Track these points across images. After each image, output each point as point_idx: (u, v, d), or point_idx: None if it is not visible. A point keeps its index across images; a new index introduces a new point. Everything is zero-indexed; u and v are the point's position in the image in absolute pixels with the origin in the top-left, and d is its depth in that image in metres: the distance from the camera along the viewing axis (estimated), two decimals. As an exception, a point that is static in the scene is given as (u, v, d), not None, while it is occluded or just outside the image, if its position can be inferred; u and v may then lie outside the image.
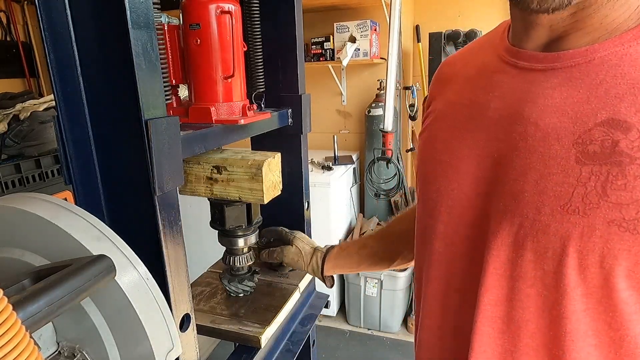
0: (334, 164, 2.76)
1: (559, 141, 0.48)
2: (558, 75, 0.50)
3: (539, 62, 0.52)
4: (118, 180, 0.62)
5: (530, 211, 0.49)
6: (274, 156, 0.82)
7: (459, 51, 0.72)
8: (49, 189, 1.50)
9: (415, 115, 2.94)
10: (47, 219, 0.51)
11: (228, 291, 0.98)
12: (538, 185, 0.49)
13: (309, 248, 0.98)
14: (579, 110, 0.47)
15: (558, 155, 0.48)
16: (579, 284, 0.48)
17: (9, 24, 2.76)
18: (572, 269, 0.47)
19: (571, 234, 0.46)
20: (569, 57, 0.49)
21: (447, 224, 0.60)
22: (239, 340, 0.88)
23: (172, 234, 0.63)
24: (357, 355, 2.56)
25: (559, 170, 0.47)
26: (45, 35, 0.57)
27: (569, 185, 0.46)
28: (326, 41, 2.78)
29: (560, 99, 0.49)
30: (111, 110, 0.59)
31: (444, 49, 2.56)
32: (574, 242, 0.47)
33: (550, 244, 0.48)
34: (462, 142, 0.58)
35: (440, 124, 0.64)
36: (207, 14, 0.73)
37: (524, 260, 0.51)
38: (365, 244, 0.96)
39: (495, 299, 0.54)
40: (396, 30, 2.20)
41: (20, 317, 0.36)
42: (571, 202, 0.46)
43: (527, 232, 0.50)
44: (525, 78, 0.53)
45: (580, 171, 0.46)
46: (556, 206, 0.47)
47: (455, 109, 0.62)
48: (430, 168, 0.63)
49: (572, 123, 0.47)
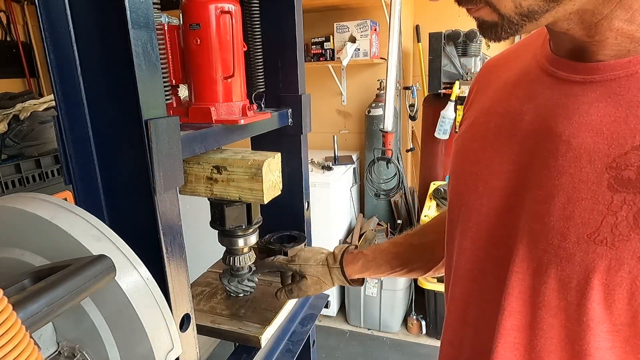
0: (334, 164, 2.76)
1: (592, 163, 0.44)
2: (596, 89, 0.46)
3: (577, 73, 0.48)
4: (118, 180, 0.62)
5: (555, 237, 0.46)
6: (274, 156, 0.82)
7: (503, 51, 0.67)
8: (49, 189, 1.50)
9: (415, 115, 2.94)
10: (47, 219, 0.51)
11: (228, 291, 0.98)
12: (565, 210, 0.45)
13: (322, 268, 0.87)
14: (615, 131, 0.43)
15: (589, 179, 0.44)
16: (604, 320, 0.45)
17: (9, 24, 2.76)
18: (596, 302, 0.45)
19: (597, 265, 0.43)
20: (609, 69, 0.45)
21: (474, 240, 0.57)
22: (239, 340, 0.88)
23: (172, 234, 0.63)
24: (357, 355, 2.56)
25: (588, 196, 0.44)
26: (45, 35, 0.57)
27: (598, 213, 0.43)
28: (326, 41, 2.78)
29: (596, 117, 0.45)
30: (111, 110, 0.59)
31: (444, 49, 2.56)
32: (599, 275, 0.44)
33: (575, 274, 0.45)
34: (493, 155, 0.55)
35: (473, 132, 0.61)
36: (207, 14, 0.73)
37: (547, 288, 0.48)
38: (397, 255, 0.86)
39: (517, 325, 0.51)
40: (396, 30, 2.20)
41: (20, 317, 0.36)
42: (599, 231, 0.43)
43: (550, 259, 0.47)
44: (562, 90, 0.49)
45: (611, 198, 0.42)
46: (582, 234, 0.44)
47: (489, 117, 0.58)
48: (461, 180, 0.60)
49: (607, 144, 0.44)
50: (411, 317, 2.70)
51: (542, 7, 0.42)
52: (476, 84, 0.68)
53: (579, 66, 0.48)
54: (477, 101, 0.64)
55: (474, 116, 0.62)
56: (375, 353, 2.57)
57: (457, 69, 2.57)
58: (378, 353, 2.57)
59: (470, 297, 0.59)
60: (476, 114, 0.62)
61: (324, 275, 0.86)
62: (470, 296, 0.59)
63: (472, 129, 0.61)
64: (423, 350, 2.57)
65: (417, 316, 2.69)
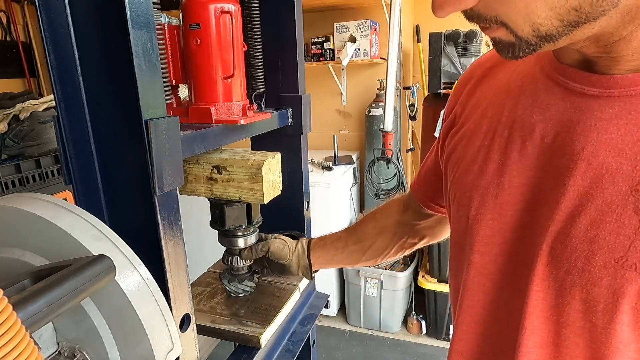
0: (334, 164, 2.76)
1: (615, 185, 0.43)
2: (614, 105, 0.44)
3: (592, 86, 0.45)
4: (118, 180, 0.62)
5: (579, 259, 0.45)
6: (274, 156, 0.82)
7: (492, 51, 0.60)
8: (49, 189, 1.49)
9: (415, 115, 2.94)
10: (47, 219, 0.51)
11: (228, 291, 0.98)
12: (588, 233, 0.44)
13: (291, 239, 0.95)
14: (638, 151, 0.42)
15: (613, 201, 0.43)
16: (633, 341, 0.45)
17: (9, 24, 2.76)
18: (626, 325, 0.44)
19: (626, 290, 0.43)
20: (627, 83, 0.43)
21: (483, 254, 0.56)
22: (239, 340, 0.88)
23: (172, 234, 0.63)
24: (357, 355, 2.56)
25: (613, 219, 0.43)
26: (45, 35, 0.57)
27: (625, 237, 0.42)
28: (326, 41, 2.77)
29: (617, 135, 0.43)
30: (111, 110, 0.59)
31: (444, 49, 2.55)
32: (629, 299, 0.43)
33: (602, 298, 0.44)
34: (502, 168, 0.53)
35: (474, 140, 0.58)
36: (207, 14, 0.73)
37: (572, 309, 0.47)
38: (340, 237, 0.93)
39: (540, 342, 0.51)
40: (396, 30, 2.20)
41: (20, 317, 0.36)
42: (627, 256, 0.42)
43: (575, 281, 0.46)
44: (575, 103, 0.47)
45: (639, 223, 0.41)
46: (609, 259, 0.43)
47: (492, 126, 0.55)
48: (465, 192, 0.58)
49: (631, 165, 0.42)
50: (411, 317, 2.70)
51: (561, 32, 0.40)
52: (466, 84, 0.65)
53: (593, 78, 0.46)
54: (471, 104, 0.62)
55: (472, 121, 0.60)
56: (375, 353, 2.57)
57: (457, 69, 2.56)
58: (378, 353, 2.57)
59: (484, 311, 0.58)
60: (475, 120, 0.59)
61: (290, 242, 0.94)
62: (485, 310, 0.58)
63: (471, 136, 0.59)
64: (423, 350, 2.57)
65: (417, 316, 2.69)
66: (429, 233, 0.88)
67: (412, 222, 0.87)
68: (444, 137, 0.66)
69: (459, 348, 0.63)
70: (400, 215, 0.89)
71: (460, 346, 0.63)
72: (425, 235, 0.89)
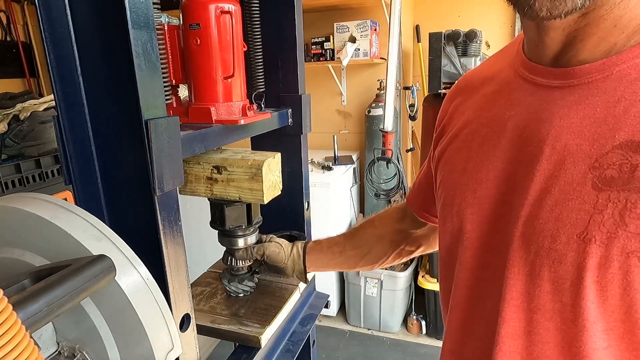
0: (334, 164, 2.76)
1: (575, 165, 0.45)
2: (574, 92, 0.47)
3: (556, 79, 0.49)
4: (118, 180, 0.62)
5: (546, 239, 0.47)
6: (274, 156, 0.82)
7: (477, 67, 0.68)
8: (49, 189, 1.49)
9: (415, 115, 2.94)
10: (47, 219, 0.51)
11: (228, 291, 0.98)
12: (553, 212, 0.46)
13: (288, 242, 0.96)
14: (595, 132, 0.44)
15: (574, 180, 0.45)
16: (599, 319, 0.45)
17: (9, 24, 2.76)
18: (590, 301, 0.45)
19: (588, 264, 0.44)
20: (585, 72, 0.46)
21: (468, 248, 0.57)
22: (239, 340, 0.88)
23: (172, 234, 0.63)
24: (357, 355, 2.56)
25: (574, 196, 0.45)
26: (45, 35, 0.57)
27: (585, 212, 0.44)
28: (326, 41, 2.78)
29: (576, 119, 0.46)
30: (111, 110, 0.59)
31: (444, 49, 2.55)
32: (591, 273, 0.44)
33: (568, 275, 0.46)
34: (479, 164, 0.56)
35: (459, 143, 0.61)
36: (207, 14, 0.73)
37: (541, 292, 0.48)
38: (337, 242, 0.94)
39: (513, 332, 0.51)
40: (396, 30, 2.20)
41: (20, 317, 0.36)
42: (587, 230, 0.44)
43: (543, 262, 0.47)
44: (541, 96, 0.50)
45: (597, 198, 0.43)
46: (572, 234, 0.45)
47: (473, 128, 0.59)
48: (449, 191, 0.61)
49: (588, 145, 0.45)
50: (411, 317, 2.70)
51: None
52: (455, 98, 0.68)
53: (557, 72, 0.49)
54: (457, 113, 0.65)
55: (457, 128, 0.63)
56: (375, 353, 2.57)
57: (457, 69, 2.56)
58: (378, 353, 2.57)
59: (469, 306, 0.59)
60: (459, 126, 0.62)
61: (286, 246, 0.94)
62: (470, 305, 0.59)
63: (456, 140, 0.62)
64: (423, 350, 2.57)
65: (417, 316, 2.69)
66: (424, 242, 0.91)
67: (409, 230, 0.89)
68: (435, 146, 0.69)
69: (450, 347, 0.64)
70: (398, 223, 0.90)
71: (450, 345, 0.64)
72: (422, 243, 0.91)
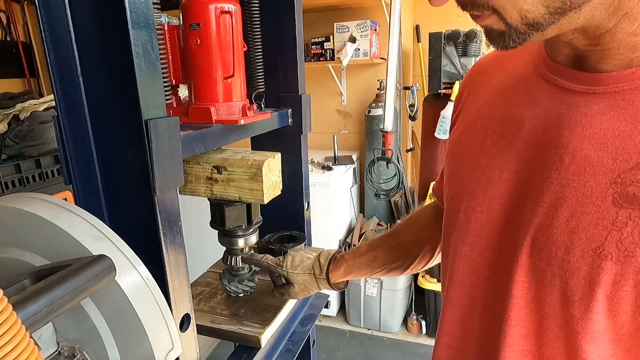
0: (334, 164, 2.76)
1: (595, 177, 0.44)
2: (599, 101, 0.45)
3: (579, 83, 0.47)
4: (118, 180, 0.62)
5: (560, 250, 0.46)
6: (274, 156, 0.82)
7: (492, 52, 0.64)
8: (49, 189, 1.49)
9: (415, 115, 2.94)
10: (47, 219, 0.51)
11: (228, 291, 0.98)
12: (569, 224, 0.45)
13: (308, 277, 0.89)
14: (620, 145, 0.43)
15: (593, 193, 0.44)
16: (608, 330, 0.45)
17: (9, 24, 2.76)
18: (601, 314, 0.45)
19: (602, 279, 0.44)
20: (611, 80, 0.45)
21: (472, 246, 0.57)
22: (239, 340, 0.88)
23: (172, 234, 0.63)
24: (357, 355, 2.56)
25: (592, 210, 0.44)
26: (45, 35, 0.57)
27: (603, 228, 0.43)
28: (326, 41, 2.78)
29: (600, 130, 0.45)
30: (111, 110, 0.59)
31: (444, 49, 2.56)
32: (604, 289, 0.44)
33: (579, 288, 0.45)
34: (492, 162, 0.54)
35: (470, 137, 0.60)
36: (207, 14, 0.73)
37: (553, 300, 0.48)
38: (376, 257, 0.88)
39: (525, 333, 0.52)
40: (396, 30, 2.20)
41: (20, 317, 0.36)
42: (604, 246, 0.43)
43: (555, 272, 0.47)
44: (563, 100, 0.48)
45: (616, 214, 0.42)
46: (587, 249, 0.44)
47: (486, 123, 0.57)
48: (458, 186, 0.60)
49: (611, 159, 0.43)
50: (411, 317, 2.70)
51: (547, 20, 0.42)
52: (467, 86, 0.67)
53: (581, 75, 0.47)
54: (469, 104, 0.63)
55: (469, 120, 0.62)
56: (375, 353, 2.57)
57: (457, 69, 2.56)
58: (378, 353, 2.57)
59: (470, 302, 0.59)
60: (472, 118, 0.61)
61: (310, 284, 0.89)
62: (471, 302, 0.59)
63: (467, 134, 0.61)
64: (423, 350, 2.56)
65: (417, 316, 2.69)
66: None
67: None
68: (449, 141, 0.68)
69: (447, 340, 0.64)
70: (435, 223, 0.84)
71: (447, 338, 0.64)
72: None
